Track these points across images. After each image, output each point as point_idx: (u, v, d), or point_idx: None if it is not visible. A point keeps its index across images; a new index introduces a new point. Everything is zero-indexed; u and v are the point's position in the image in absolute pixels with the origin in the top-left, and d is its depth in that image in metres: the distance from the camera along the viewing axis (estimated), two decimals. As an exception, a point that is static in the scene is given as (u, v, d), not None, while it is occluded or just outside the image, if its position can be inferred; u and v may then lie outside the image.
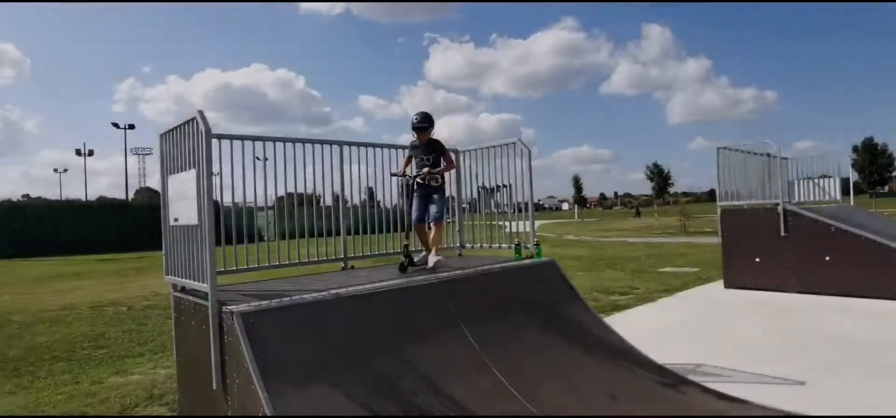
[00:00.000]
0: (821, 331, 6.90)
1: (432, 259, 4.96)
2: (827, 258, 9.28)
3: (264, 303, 3.50)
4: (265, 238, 4.84)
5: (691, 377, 4.87)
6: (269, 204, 4.72)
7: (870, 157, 65.99)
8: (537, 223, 5.94)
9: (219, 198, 4.14)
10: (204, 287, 3.51)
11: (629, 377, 4.46)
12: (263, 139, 4.58)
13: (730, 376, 5.22)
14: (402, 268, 4.90)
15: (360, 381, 3.36)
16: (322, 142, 4.99)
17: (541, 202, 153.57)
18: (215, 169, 4.04)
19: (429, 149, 5.20)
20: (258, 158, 4.61)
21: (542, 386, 3.99)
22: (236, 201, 4.45)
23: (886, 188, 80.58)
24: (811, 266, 9.45)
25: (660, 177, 72.29)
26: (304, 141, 4.83)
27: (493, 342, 4.18)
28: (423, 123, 5.18)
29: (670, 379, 4.63)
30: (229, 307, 3.36)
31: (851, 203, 13.85)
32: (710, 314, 8.38)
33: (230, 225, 4.33)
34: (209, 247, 3.43)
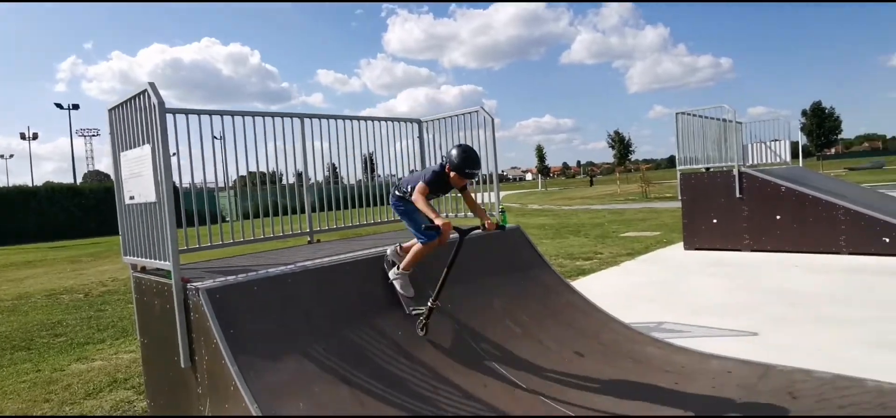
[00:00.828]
0: (771, 287, 7.26)
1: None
2: (777, 217, 9.71)
3: (230, 278, 3.45)
4: (228, 219, 4.70)
5: (654, 333, 5.07)
6: (230, 184, 4.58)
7: (817, 121, 68.77)
8: (501, 194, 5.98)
9: (177, 180, 4.01)
10: (166, 265, 3.42)
11: (595, 336, 4.60)
12: (220, 113, 4.40)
13: (689, 331, 5.48)
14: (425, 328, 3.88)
15: (331, 350, 3.37)
16: (282, 115, 4.86)
17: (504, 173, 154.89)
18: (171, 148, 3.92)
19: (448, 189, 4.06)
20: (216, 137, 4.47)
21: (511, 348, 4.08)
22: (195, 182, 4.29)
23: (833, 150, 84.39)
24: (764, 225, 9.88)
25: (621, 145, 73.66)
26: (263, 114, 4.69)
27: (463, 307, 4.24)
28: (478, 171, 3.97)
29: (634, 336, 4.81)
30: (194, 284, 3.30)
31: (800, 164, 14.48)
32: (671, 275, 8.68)
33: (190, 207, 4.19)
34: (170, 222, 3.34)
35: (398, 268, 4.06)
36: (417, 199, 3.70)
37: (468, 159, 3.73)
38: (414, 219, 3.91)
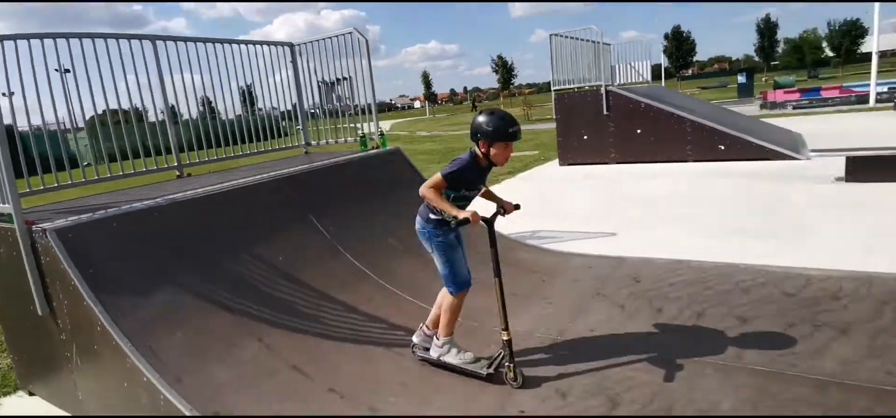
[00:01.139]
0: (631, 194, 8.12)
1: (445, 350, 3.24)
2: (638, 131, 10.71)
3: (85, 216, 3.20)
4: (80, 165, 4.20)
5: (528, 241, 5.52)
6: (79, 125, 4.07)
7: (676, 44, 75.23)
8: (390, 122, 6.05)
9: (10, 119, 3.52)
10: (6, 208, 3.09)
11: (472, 246, 4.88)
12: (40, 36, 3.73)
13: (559, 237, 6.03)
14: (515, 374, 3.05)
15: (210, 281, 3.30)
16: (128, 36, 4.32)
17: (392, 101, 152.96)
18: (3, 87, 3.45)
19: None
20: (57, 69, 3.96)
21: (394, 265, 4.25)
22: (39, 124, 3.77)
23: (690, 71, 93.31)
24: (627, 139, 10.87)
25: (504, 70, 75.62)
26: (101, 36, 4.08)
27: (345, 230, 4.30)
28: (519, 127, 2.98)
29: (508, 244, 5.20)
30: (42, 225, 3.02)
31: (662, 84, 15.92)
32: (547, 189, 9.36)
33: (31, 150, 3.69)
34: (2, 157, 3.00)
35: (438, 339, 3.25)
36: (427, 193, 2.96)
37: (502, 118, 2.90)
38: (450, 259, 3.15)
